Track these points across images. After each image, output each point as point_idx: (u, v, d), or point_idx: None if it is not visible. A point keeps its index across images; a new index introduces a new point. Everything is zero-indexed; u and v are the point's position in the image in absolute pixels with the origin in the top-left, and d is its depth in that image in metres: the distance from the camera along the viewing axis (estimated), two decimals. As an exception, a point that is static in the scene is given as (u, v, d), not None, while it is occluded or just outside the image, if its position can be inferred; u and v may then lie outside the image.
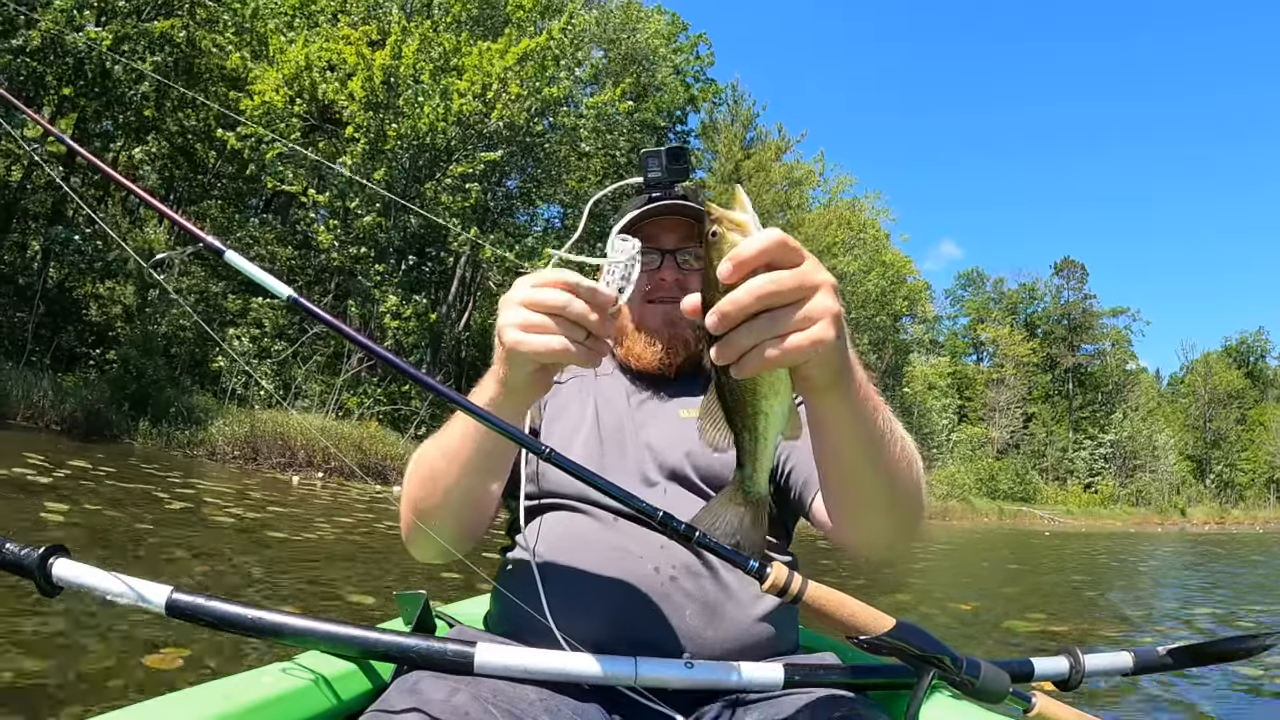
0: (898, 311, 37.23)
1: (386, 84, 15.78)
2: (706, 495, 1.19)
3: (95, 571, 1.01)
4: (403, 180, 16.74)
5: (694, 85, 30.64)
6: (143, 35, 16.17)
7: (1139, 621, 6.26)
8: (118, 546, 4.59)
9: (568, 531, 1.17)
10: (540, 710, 0.94)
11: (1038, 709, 1.02)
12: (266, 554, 5.03)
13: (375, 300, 15.98)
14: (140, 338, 14.37)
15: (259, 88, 16.34)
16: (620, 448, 1.25)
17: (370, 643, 1.02)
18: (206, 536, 5.43)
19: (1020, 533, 25.62)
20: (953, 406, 45.59)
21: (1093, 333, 57.86)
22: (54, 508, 5.27)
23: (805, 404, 0.91)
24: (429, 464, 1.10)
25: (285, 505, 7.95)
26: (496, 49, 16.14)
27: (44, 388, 11.98)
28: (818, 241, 29.99)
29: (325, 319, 1.26)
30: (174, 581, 1.00)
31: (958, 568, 10.95)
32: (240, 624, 1.00)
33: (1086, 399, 55.74)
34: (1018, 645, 4.67)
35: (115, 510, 5.81)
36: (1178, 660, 1.30)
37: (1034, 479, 45.89)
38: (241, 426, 12.04)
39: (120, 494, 6.80)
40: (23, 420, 11.50)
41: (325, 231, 16.62)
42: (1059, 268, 59.94)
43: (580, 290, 0.84)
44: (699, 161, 31.94)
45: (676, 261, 1.33)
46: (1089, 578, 10.13)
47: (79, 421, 11.81)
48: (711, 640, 1.08)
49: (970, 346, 58.18)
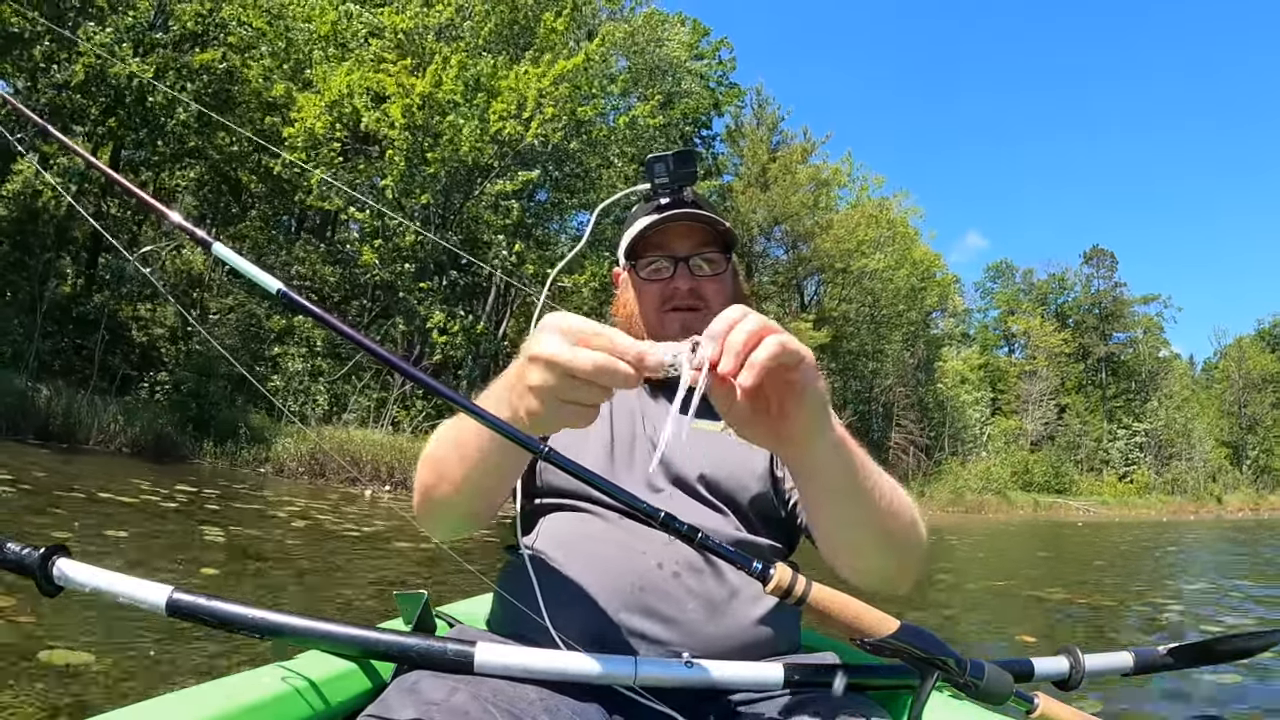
0: (929, 307, 37.23)
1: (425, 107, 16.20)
2: (712, 504, 1.21)
3: (96, 571, 1.02)
4: (442, 197, 17.21)
5: (717, 90, 30.88)
6: (183, 67, 16.74)
7: (1140, 594, 7.13)
8: (324, 571, 5.02)
9: (572, 530, 1.18)
10: (540, 710, 0.94)
11: (1040, 710, 1.01)
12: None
13: (421, 317, 16.43)
14: (198, 360, 14.85)
15: (301, 115, 16.81)
16: (630, 455, 1.25)
17: (370, 642, 1.02)
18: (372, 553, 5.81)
19: (1054, 524, 25.94)
20: (986, 399, 45.40)
21: (1124, 321, 57.32)
22: (210, 531, 5.73)
23: (789, 458, 0.95)
24: (442, 453, 1.10)
25: (389, 518, 8.36)
26: (535, 73, 16.55)
27: (112, 413, 12.51)
28: (847, 241, 30.14)
29: (315, 313, 1.28)
30: (174, 581, 1.02)
31: (990, 556, 11.84)
32: (241, 623, 1.01)
33: (1120, 388, 55.24)
34: (1028, 635, 5.03)
35: (255, 529, 6.27)
36: (1178, 660, 1.30)
37: (1069, 470, 45.61)
38: (306, 443, 12.51)
39: (241, 514, 7.36)
40: (95, 445, 12.02)
41: (370, 251, 17.08)
42: (1088, 256, 59.50)
43: (627, 357, 0.79)
44: (726, 166, 32.16)
45: (690, 268, 1.31)
46: (1103, 561, 11.21)
47: (148, 445, 12.34)
48: (713, 636, 1.09)
49: (1001, 339, 57.87)
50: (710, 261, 1.32)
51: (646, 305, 1.33)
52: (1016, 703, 0.98)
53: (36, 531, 4.83)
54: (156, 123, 17.25)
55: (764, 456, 1.25)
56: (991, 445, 41.38)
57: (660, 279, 1.32)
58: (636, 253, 1.34)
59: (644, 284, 1.33)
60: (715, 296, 1.31)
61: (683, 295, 1.30)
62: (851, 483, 0.97)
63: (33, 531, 4.85)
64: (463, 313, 17.21)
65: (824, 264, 30.99)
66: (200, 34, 17.57)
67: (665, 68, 27.26)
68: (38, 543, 1.03)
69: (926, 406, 37.72)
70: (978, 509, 31.08)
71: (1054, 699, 1.02)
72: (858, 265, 30.36)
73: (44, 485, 7.30)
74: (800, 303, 32.75)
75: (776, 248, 32.46)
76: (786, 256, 32.28)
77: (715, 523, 1.18)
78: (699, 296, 1.30)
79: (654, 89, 25.93)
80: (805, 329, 28.53)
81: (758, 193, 29.81)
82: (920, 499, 29.73)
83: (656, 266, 1.33)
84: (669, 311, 1.31)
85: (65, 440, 11.62)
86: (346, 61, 17.64)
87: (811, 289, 33.21)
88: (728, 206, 29.13)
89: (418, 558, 5.80)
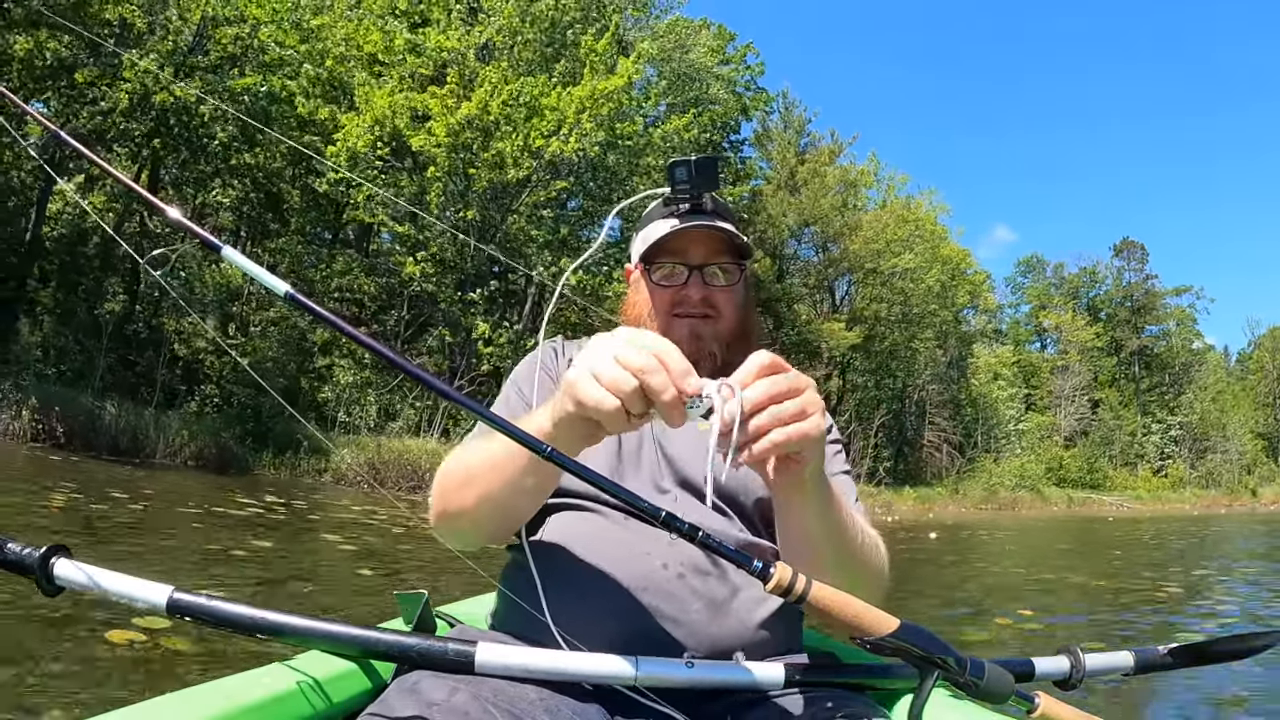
0: (959, 304, 37.22)
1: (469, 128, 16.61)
2: (716, 506, 1.20)
3: (96, 570, 1.02)
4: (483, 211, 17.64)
5: (744, 95, 31.08)
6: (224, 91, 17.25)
7: (1140, 572, 8.52)
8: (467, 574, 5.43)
9: (577, 529, 1.19)
10: (541, 710, 0.95)
11: (1040, 710, 1.01)
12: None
13: (465, 328, 16.85)
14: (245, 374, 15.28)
15: (345, 135, 17.26)
16: (637, 456, 1.26)
17: (370, 642, 1.03)
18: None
19: (1086, 519, 26.32)
20: (1019, 395, 45.22)
21: (1156, 313, 56.91)
22: (331, 538, 6.13)
23: (781, 494, 1.03)
24: (469, 467, 1.13)
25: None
26: (578, 93, 16.95)
27: (175, 428, 12.98)
28: (876, 241, 30.24)
29: (324, 315, 1.30)
30: (174, 581, 1.03)
31: (1018, 550, 12.58)
32: (241, 623, 1.02)
33: (1153, 381, 54.81)
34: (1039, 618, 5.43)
35: (374, 537, 6.67)
36: (1179, 660, 1.30)
37: (1103, 466, 45.35)
38: (366, 453, 12.93)
39: (341, 522, 7.87)
40: (160, 459, 12.48)
41: (413, 264, 17.52)
42: (1118, 249, 59.13)
43: (671, 366, 0.85)
44: (755, 170, 32.35)
45: (704, 277, 1.32)
46: (1118, 551, 12.37)
47: (211, 457, 12.80)
48: (716, 637, 1.10)
49: (1033, 334, 57.60)
50: (725, 271, 1.33)
51: (657, 308, 1.34)
52: (1017, 702, 0.97)
53: (248, 550, 5.22)
54: (199, 143, 17.84)
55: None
56: (1025, 441, 41.22)
57: (673, 285, 1.32)
58: (651, 256, 1.35)
59: (656, 288, 1.34)
60: (726, 305, 1.33)
61: (694, 303, 1.32)
62: (836, 518, 1.07)
63: (243, 549, 5.24)
64: (507, 323, 17.63)
65: (854, 264, 31.12)
66: (239, 56, 18.11)
67: (693, 75, 27.51)
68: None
69: (960, 404, 37.71)
70: (1011, 505, 31.05)
71: (1054, 698, 1.01)
72: (888, 265, 30.47)
73: (163, 502, 7.82)
74: (832, 303, 32.89)
75: (807, 249, 32.66)
76: (817, 258, 32.44)
77: (719, 525, 1.19)
78: (710, 305, 1.32)
79: (682, 96, 26.22)
80: (838, 329, 28.72)
81: (787, 195, 30.01)
82: (954, 496, 29.79)
83: (668, 272, 1.34)
84: (678, 316, 1.32)
85: (135, 455, 12.09)
86: (386, 80, 18.09)
87: (843, 289, 33.33)
88: (757, 209, 29.35)
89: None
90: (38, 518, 5.80)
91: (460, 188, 17.41)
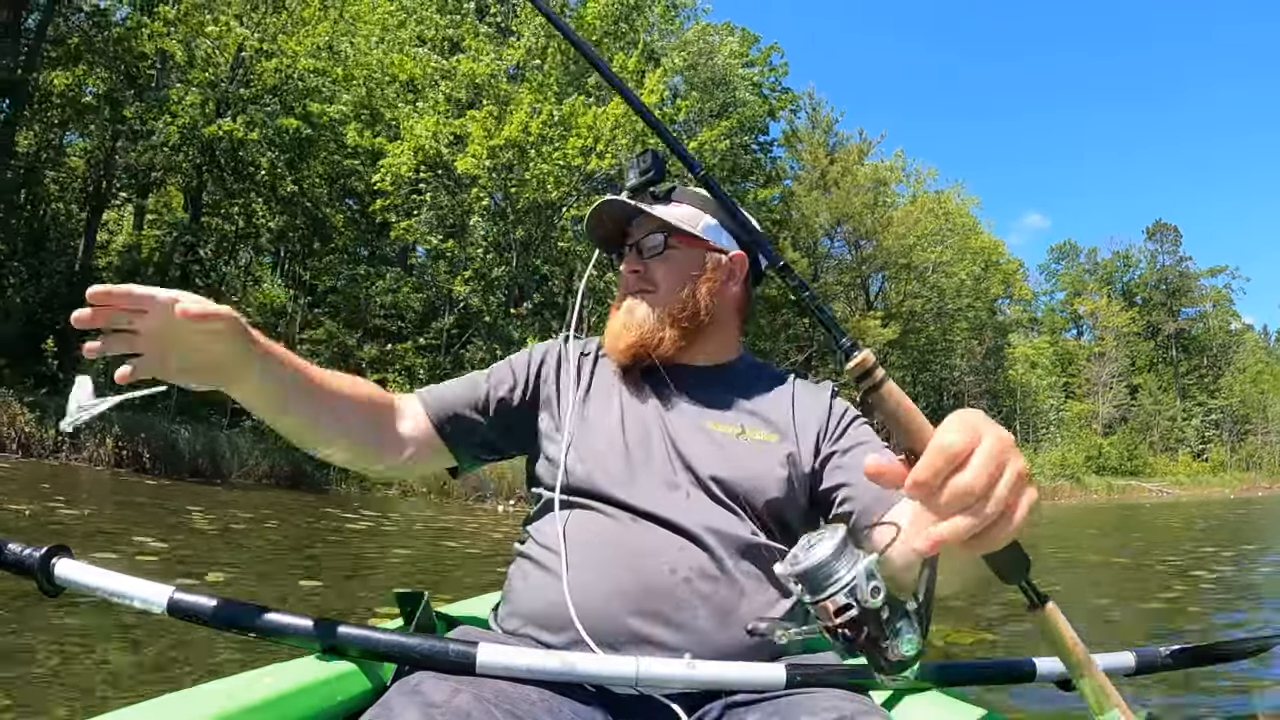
0: (993, 295, 37.25)
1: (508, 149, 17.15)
2: (728, 505, 1.19)
3: (97, 571, 1.02)
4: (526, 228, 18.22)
5: (770, 97, 31.34)
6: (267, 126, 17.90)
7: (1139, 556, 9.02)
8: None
9: (585, 529, 1.18)
10: (542, 711, 0.95)
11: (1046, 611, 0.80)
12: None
13: (516, 341, 17.38)
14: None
15: (388, 164, 17.86)
16: (647, 451, 1.24)
17: (371, 643, 1.02)
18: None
19: (1124, 506, 26.29)
20: (1058, 384, 45.03)
21: (1192, 296, 56.44)
22: (451, 546, 6.78)
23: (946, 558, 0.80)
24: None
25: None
26: (613, 111, 17.42)
27: (248, 448, 13.52)
28: (908, 237, 30.45)
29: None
30: (174, 581, 1.02)
31: (1051, 534, 12.91)
32: (241, 624, 1.02)
33: (1192, 364, 54.32)
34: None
35: (485, 543, 7.35)
36: (1179, 661, 1.30)
37: (1143, 452, 45.02)
38: (430, 466, 13.46)
39: (446, 533, 8.39)
40: (236, 478, 13.01)
41: (460, 283, 18.09)
42: (1151, 232, 58.72)
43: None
44: (785, 171, 32.60)
45: (640, 252, 1.34)
46: (1139, 534, 13.03)
47: (285, 474, 13.33)
48: (722, 643, 1.09)
49: (1069, 321, 57.27)
50: (651, 243, 1.33)
51: (619, 295, 1.38)
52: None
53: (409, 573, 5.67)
54: (245, 172, 18.50)
55: (782, 462, 1.23)
56: (1065, 431, 41.10)
57: (625, 270, 1.36)
58: (604, 248, 1.41)
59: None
60: (663, 278, 1.31)
61: (629, 280, 1.33)
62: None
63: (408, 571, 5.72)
64: (550, 334, 18.12)
65: (887, 261, 31.36)
66: (279, 87, 18.75)
67: (719, 79, 27.83)
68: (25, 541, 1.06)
69: (997, 394, 37.74)
70: (1050, 495, 31.13)
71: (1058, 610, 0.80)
72: (920, 260, 30.68)
73: (295, 523, 8.32)
74: (866, 300, 33.11)
75: (840, 246, 32.92)
76: (851, 256, 32.70)
77: (730, 523, 1.17)
78: (646, 280, 1.32)
79: (711, 102, 26.57)
80: (874, 326, 28.94)
81: (819, 195, 30.32)
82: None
83: (623, 258, 1.38)
84: (628, 296, 1.34)
85: (215, 477, 12.64)
86: (421, 104, 18.68)
87: (876, 285, 33.55)
88: (791, 209, 29.66)
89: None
90: (217, 545, 6.07)
91: (502, 207, 17.97)
